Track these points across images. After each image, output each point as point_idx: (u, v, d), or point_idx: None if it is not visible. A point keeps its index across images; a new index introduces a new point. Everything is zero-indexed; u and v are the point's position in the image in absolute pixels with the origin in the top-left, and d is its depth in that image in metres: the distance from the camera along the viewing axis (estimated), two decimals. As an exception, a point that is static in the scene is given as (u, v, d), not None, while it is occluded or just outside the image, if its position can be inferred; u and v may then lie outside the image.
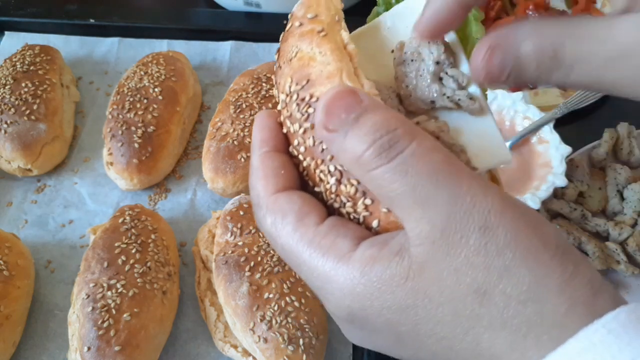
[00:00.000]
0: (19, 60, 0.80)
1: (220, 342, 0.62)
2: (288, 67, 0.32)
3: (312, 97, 0.30)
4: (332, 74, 0.30)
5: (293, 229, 0.28)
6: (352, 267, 0.26)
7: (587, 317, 0.23)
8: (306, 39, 0.31)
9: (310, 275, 0.28)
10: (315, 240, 0.28)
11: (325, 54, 0.30)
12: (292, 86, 0.31)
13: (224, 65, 0.89)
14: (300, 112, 0.30)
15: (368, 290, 0.25)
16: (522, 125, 0.77)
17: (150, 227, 0.66)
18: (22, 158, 0.74)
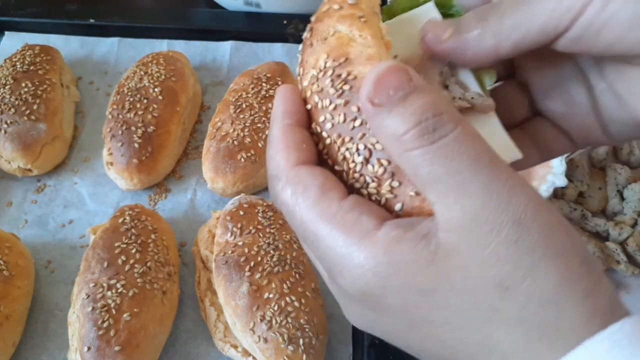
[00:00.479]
0: (19, 60, 0.80)
1: (220, 342, 0.62)
2: (323, 44, 0.32)
3: (349, 74, 0.30)
4: (372, 56, 0.30)
5: (315, 201, 0.27)
6: (376, 245, 0.25)
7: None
8: (346, 21, 0.32)
9: (328, 251, 0.27)
10: (338, 215, 0.27)
11: (365, 38, 0.31)
12: (329, 62, 0.31)
13: (224, 65, 0.89)
14: (335, 87, 0.30)
15: (390, 269, 0.25)
16: (522, 125, 0.77)
17: (150, 227, 0.66)
18: (22, 158, 0.74)
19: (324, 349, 0.60)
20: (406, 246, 0.25)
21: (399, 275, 0.25)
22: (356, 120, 0.30)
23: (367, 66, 0.30)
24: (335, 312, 0.65)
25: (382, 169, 0.29)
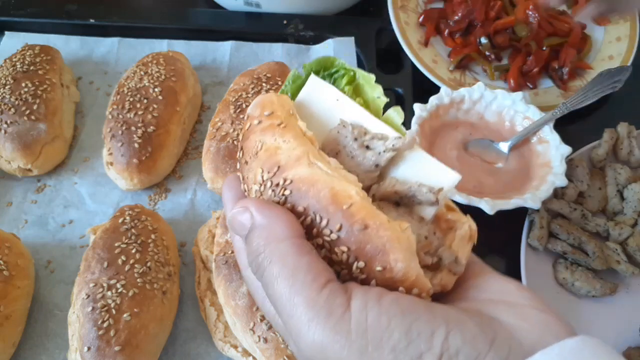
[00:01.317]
0: (19, 60, 0.80)
1: (220, 342, 0.62)
2: (255, 160, 0.35)
3: (285, 180, 0.33)
4: (299, 156, 0.33)
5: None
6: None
7: None
8: (268, 132, 0.35)
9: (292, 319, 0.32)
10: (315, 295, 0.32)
11: (289, 142, 0.34)
12: (265, 175, 0.34)
13: (224, 66, 0.89)
14: (277, 196, 0.33)
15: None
16: (522, 125, 0.77)
17: (151, 227, 0.66)
18: (22, 158, 0.74)
19: (324, 349, 0.60)
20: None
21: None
22: (306, 220, 0.32)
23: (297, 167, 0.32)
24: (335, 312, 0.65)
25: (345, 255, 0.31)
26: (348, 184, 0.32)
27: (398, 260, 0.31)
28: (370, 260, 0.31)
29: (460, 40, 0.89)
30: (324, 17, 0.93)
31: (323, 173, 0.32)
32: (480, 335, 0.29)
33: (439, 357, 0.28)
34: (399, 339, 0.28)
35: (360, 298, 0.30)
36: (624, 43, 0.88)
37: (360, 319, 0.29)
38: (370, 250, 0.31)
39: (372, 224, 0.31)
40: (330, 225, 0.31)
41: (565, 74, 0.86)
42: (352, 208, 0.31)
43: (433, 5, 0.95)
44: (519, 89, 0.83)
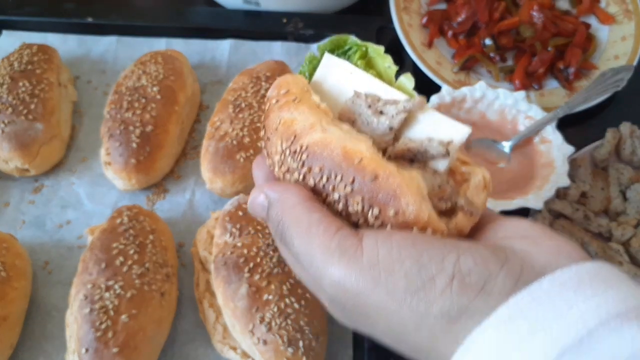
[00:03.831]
0: (16, 59, 0.79)
1: (219, 344, 0.62)
2: (275, 134, 0.38)
3: (301, 147, 0.36)
4: (312, 124, 0.36)
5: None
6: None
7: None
8: (284, 108, 0.38)
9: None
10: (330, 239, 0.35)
11: (303, 113, 0.37)
12: (284, 145, 0.37)
13: (222, 64, 0.88)
14: (296, 161, 0.36)
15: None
16: (524, 124, 0.77)
17: (149, 228, 0.66)
18: (20, 158, 0.73)
19: (324, 351, 0.59)
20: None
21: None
22: (322, 179, 0.35)
23: (312, 134, 0.35)
24: (335, 313, 0.64)
25: (360, 206, 0.34)
26: (358, 142, 0.35)
27: (409, 203, 0.33)
28: (383, 207, 0.33)
29: (464, 42, 0.89)
30: (323, 16, 0.92)
31: (337, 134, 0.35)
32: (492, 257, 0.30)
33: (451, 278, 0.29)
34: (410, 265, 0.30)
35: (372, 237, 0.32)
36: (630, 42, 0.87)
37: (371, 254, 0.31)
38: (382, 197, 0.33)
39: (382, 174, 0.33)
40: (344, 179, 0.34)
41: (571, 74, 0.85)
42: (362, 162, 0.34)
43: (436, 6, 0.94)
44: (525, 89, 0.83)
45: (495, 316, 0.28)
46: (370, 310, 0.31)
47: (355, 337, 0.63)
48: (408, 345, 0.31)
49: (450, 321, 0.29)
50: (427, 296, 0.29)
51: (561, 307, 0.27)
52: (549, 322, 0.26)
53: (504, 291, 0.29)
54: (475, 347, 0.28)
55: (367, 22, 0.92)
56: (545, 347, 0.26)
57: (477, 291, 0.29)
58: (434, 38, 0.89)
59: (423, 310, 0.29)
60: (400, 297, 0.29)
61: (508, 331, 0.27)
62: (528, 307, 0.27)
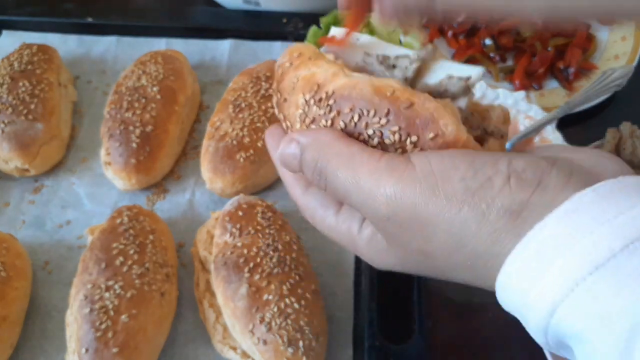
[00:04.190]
0: (16, 59, 0.79)
1: (219, 344, 0.62)
2: (294, 92, 0.37)
3: (327, 93, 0.35)
4: (335, 73, 0.35)
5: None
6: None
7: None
8: (301, 67, 0.37)
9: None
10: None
11: (322, 66, 0.36)
12: (307, 96, 0.36)
13: (223, 64, 0.88)
14: (323, 108, 0.35)
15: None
16: (524, 124, 0.77)
17: (149, 228, 0.66)
18: (20, 158, 0.73)
19: (324, 351, 0.59)
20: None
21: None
22: (354, 118, 0.34)
23: (336, 82, 0.35)
24: (336, 314, 0.64)
25: (397, 136, 0.33)
26: (387, 80, 0.35)
27: (447, 124, 0.33)
28: (421, 132, 0.33)
29: (464, 42, 0.89)
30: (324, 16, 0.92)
31: (361, 78, 0.35)
32: (541, 159, 0.30)
33: (507, 177, 0.29)
34: (465, 169, 0.30)
35: (420, 154, 0.32)
36: (630, 42, 0.87)
37: (424, 166, 0.31)
38: (420, 122, 0.33)
39: (417, 100, 0.33)
40: (378, 113, 0.34)
41: (571, 74, 0.85)
42: (395, 93, 0.34)
43: (435, 6, 0.94)
44: (525, 90, 0.83)
45: (558, 210, 0.27)
46: (429, 220, 0.30)
47: (355, 337, 0.63)
48: (468, 251, 0.30)
49: (512, 216, 0.28)
50: (487, 194, 0.29)
51: (625, 204, 0.26)
52: (615, 215, 0.26)
53: (559, 186, 0.29)
54: (536, 241, 0.27)
55: (367, 22, 0.92)
56: (609, 238, 0.25)
57: (535, 186, 0.29)
58: (434, 38, 0.89)
59: (484, 207, 0.29)
60: (460, 198, 0.29)
61: (571, 224, 0.27)
62: (592, 201, 0.27)
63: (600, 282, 0.25)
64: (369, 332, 0.60)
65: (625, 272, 0.25)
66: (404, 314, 0.61)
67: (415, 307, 0.61)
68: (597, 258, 0.25)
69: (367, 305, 0.62)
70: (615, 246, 0.25)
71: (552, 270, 0.26)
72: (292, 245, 0.63)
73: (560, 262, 0.26)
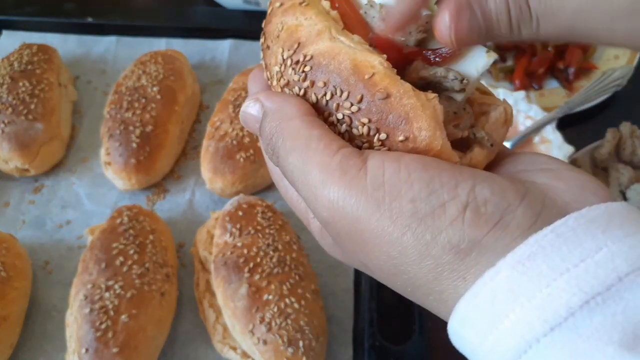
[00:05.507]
0: (16, 59, 0.79)
1: (219, 344, 0.62)
2: (276, 42, 0.33)
3: (305, 57, 0.31)
4: (320, 31, 0.31)
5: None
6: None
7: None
8: (289, 12, 0.33)
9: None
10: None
11: (310, 18, 0.32)
12: (285, 54, 0.32)
13: (223, 64, 0.88)
14: (297, 74, 0.31)
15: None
16: (524, 124, 0.77)
17: (149, 228, 0.66)
18: (20, 158, 0.73)
19: (324, 351, 0.59)
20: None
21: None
22: (326, 95, 0.31)
23: (318, 42, 0.31)
24: (336, 314, 0.64)
25: (366, 128, 0.30)
26: (371, 55, 0.30)
27: (422, 128, 0.29)
28: (392, 131, 0.29)
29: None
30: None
31: (345, 46, 0.31)
32: (511, 188, 0.26)
33: (464, 206, 0.26)
34: (419, 189, 0.26)
35: (377, 158, 0.28)
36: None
37: (376, 174, 0.27)
38: (392, 119, 0.29)
39: (395, 92, 0.29)
40: (351, 97, 0.30)
41: (571, 74, 0.85)
42: (374, 77, 0.29)
43: (435, 6, 0.94)
44: (525, 90, 0.83)
45: (513, 255, 0.24)
46: (369, 237, 0.27)
47: (355, 337, 0.63)
48: (407, 278, 0.27)
49: (459, 254, 0.25)
50: (435, 223, 0.26)
51: (589, 247, 0.23)
52: (575, 264, 0.23)
53: (522, 227, 0.25)
54: (487, 290, 0.24)
55: (367, 22, 0.92)
56: (568, 292, 0.23)
57: (493, 224, 0.25)
58: (434, 38, 0.89)
59: (429, 238, 0.25)
60: (404, 222, 0.26)
61: (526, 272, 0.23)
62: (551, 245, 0.24)
63: (555, 346, 0.22)
64: (369, 332, 0.60)
65: (584, 334, 0.22)
66: (404, 314, 0.61)
67: (415, 307, 0.61)
68: (553, 317, 0.22)
69: (367, 305, 0.62)
70: (574, 302, 0.22)
71: (503, 327, 0.23)
72: (292, 245, 0.63)
73: (513, 319, 0.23)
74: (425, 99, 0.29)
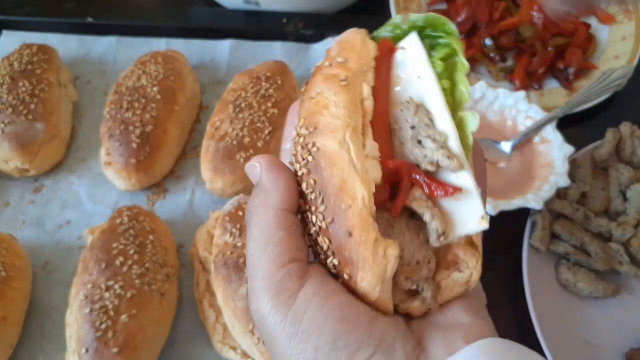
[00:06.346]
0: (16, 59, 0.79)
1: (219, 344, 0.62)
2: (306, 105, 0.34)
3: (313, 145, 0.32)
4: (336, 128, 0.32)
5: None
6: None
7: None
8: (328, 83, 0.34)
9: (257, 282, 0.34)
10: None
11: (338, 106, 0.33)
12: (302, 129, 0.34)
13: (222, 65, 0.88)
14: (302, 155, 0.33)
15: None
16: (524, 124, 0.77)
17: (149, 228, 0.66)
18: (20, 158, 0.73)
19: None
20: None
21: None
22: (311, 195, 0.32)
23: (330, 139, 0.32)
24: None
25: (326, 246, 0.32)
26: (361, 184, 0.31)
27: (364, 279, 0.31)
28: (344, 263, 0.31)
29: (464, 42, 0.88)
30: (323, 16, 0.92)
31: (347, 158, 0.31)
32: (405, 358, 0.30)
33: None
34: (325, 342, 0.29)
35: (311, 289, 0.31)
36: (630, 42, 0.87)
37: (299, 309, 0.30)
38: (346, 256, 0.31)
39: (358, 237, 0.30)
40: (326, 213, 0.31)
41: (571, 74, 0.85)
42: (349, 211, 0.31)
43: (436, 6, 0.94)
44: (525, 89, 0.83)
45: None
46: (276, 352, 0.31)
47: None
48: None
49: None
50: None
51: None
52: None
53: None
54: None
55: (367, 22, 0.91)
56: None
57: None
58: (434, 38, 0.89)
59: None
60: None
61: None
62: None
63: None
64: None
65: None
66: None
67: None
68: None
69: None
70: None
71: None
72: (292, 245, 0.63)
73: None
74: (382, 254, 0.30)
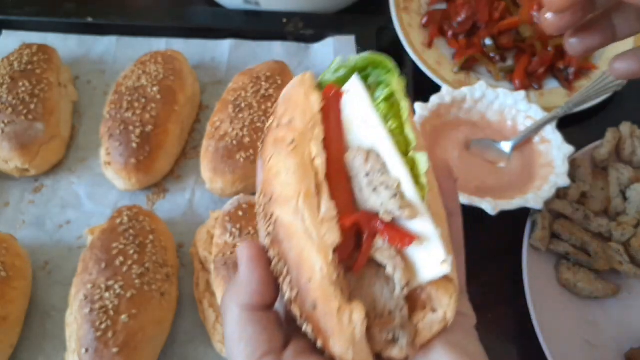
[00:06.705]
0: (16, 59, 0.79)
1: (219, 344, 0.62)
2: (263, 168, 0.35)
3: (272, 216, 0.33)
4: (290, 197, 0.33)
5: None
6: None
7: None
8: (277, 147, 0.34)
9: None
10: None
11: (288, 172, 0.33)
12: (261, 197, 0.34)
13: (222, 65, 0.88)
14: (264, 227, 0.34)
15: None
16: (524, 124, 0.77)
17: (149, 228, 0.66)
18: (20, 158, 0.73)
19: (323, 351, 0.59)
20: None
21: None
22: (280, 262, 0.33)
23: (285, 208, 0.32)
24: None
25: (298, 313, 0.32)
26: (317, 254, 0.31)
27: (336, 344, 0.31)
28: (316, 331, 0.32)
29: (464, 42, 0.89)
30: (323, 16, 0.92)
31: (302, 228, 0.32)
32: None
33: None
34: None
35: None
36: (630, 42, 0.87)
37: None
38: (316, 324, 0.32)
39: (322, 309, 0.31)
40: (292, 284, 0.32)
41: (571, 74, 0.85)
42: (309, 285, 0.31)
43: (436, 6, 0.94)
44: (525, 89, 0.83)
45: None
46: None
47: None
48: None
49: None
50: None
51: None
52: None
53: None
54: None
55: (367, 22, 0.92)
56: None
57: None
58: (434, 38, 0.89)
59: None
60: None
61: None
62: None
63: None
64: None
65: None
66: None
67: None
68: None
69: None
70: None
71: None
72: (292, 245, 0.63)
73: None
74: (348, 321, 0.31)
